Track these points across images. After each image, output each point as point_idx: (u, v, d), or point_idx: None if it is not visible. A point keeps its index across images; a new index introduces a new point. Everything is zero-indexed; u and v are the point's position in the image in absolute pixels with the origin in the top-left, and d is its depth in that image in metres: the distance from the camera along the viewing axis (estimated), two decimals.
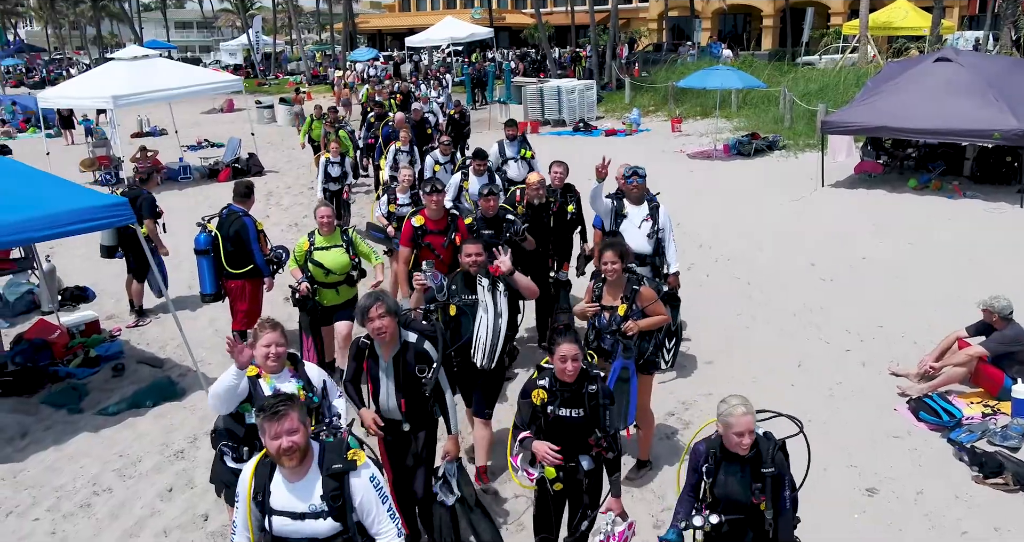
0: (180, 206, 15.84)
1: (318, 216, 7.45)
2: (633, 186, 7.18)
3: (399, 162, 12.00)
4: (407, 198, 9.21)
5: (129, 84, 16.71)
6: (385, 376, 4.86)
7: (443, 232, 7.23)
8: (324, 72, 41.20)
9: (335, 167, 12.33)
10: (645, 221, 7.16)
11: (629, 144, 21.55)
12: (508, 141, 10.55)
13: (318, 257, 7.38)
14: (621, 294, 5.56)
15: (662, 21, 45.55)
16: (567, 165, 8.55)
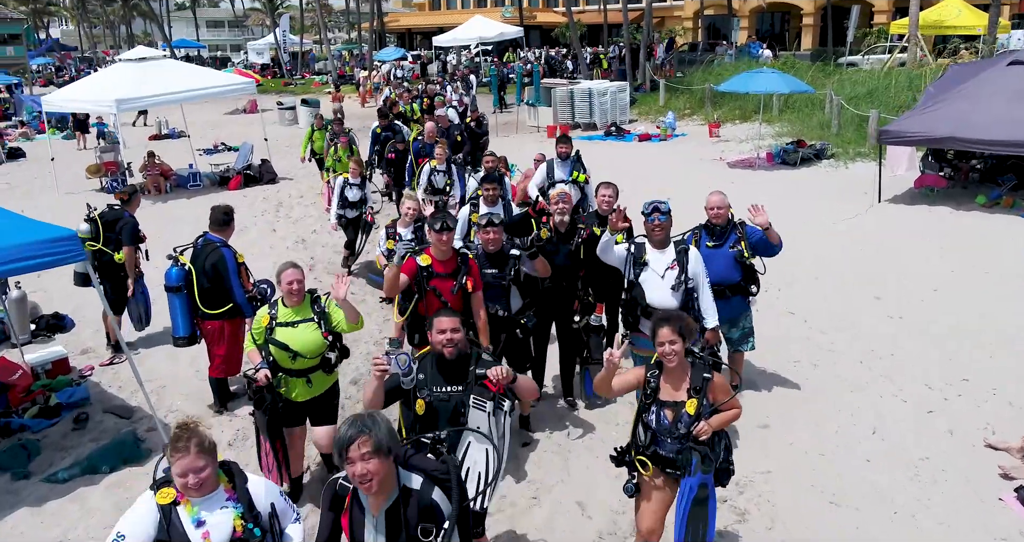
0: (187, 215, 14.79)
1: (283, 280, 5.42)
2: (656, 226, 5.76)
3: (434, 184, 10.70)
4: (410, 233, 7.85)
5: (134, 87, 15.69)
6: (373, 536, 3.32)
7: (452, 275, 5.87)
8: (351, 72, 40.15)
9: (354, 190, 10.57)
10: (670, 269, 5.75)
11: (664, 150, 20.18)
12: (560, 160, 9.14)
13: (281, 336, 5.39)
14: (687, 385, 4.24)
15: (697, 19, 44.00)
16: (617, 188, 7.31)
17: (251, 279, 7.28)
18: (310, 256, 11.96)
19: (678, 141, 21.52)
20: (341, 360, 5.73)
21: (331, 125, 14.62)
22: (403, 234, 7.76)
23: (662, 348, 4.15)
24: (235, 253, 7.09)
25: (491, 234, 6.05)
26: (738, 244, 6.54)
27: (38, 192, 17.63)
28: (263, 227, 13.85)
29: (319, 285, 10.68)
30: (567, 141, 9.33)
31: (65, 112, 20.08)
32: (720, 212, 6.53)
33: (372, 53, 38.09)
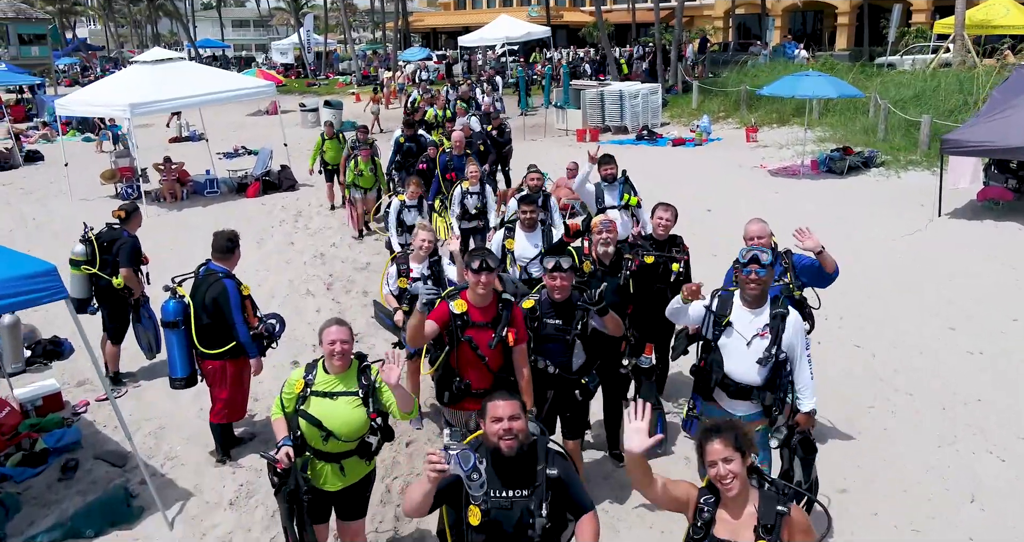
0: (203, 224, 14.04)
1: (325, 339, 4.37)
2: (752, 280, 4.54)
3: (468, 208, 9.54)
4: (424, 269, 6.65)
5: (148, 91, 14.96)
6: None
7: (491, 324, 4.86)
8: (375, 73, 39.40)
9: (412, 213, 9.19)
10: (760, 337, 4.57)
11: (700, 156, 19.20)
12: (606, 184, 8.04)
13: (316, 409, 4.37)
14: (753, 521, 3.17)
15: (728, 19, 42.86)
16: (676, 210, 6.45)
17: (257, 314, 6.43)
18: (328, 273, 11.14)
19: (714, 146, 20.52)
20: (383, 444, 4.62)
21: (355, 133, 13.43)
22: (416, 270, 6.62)
23: (715, 470, 3.14)
24: (239, 285, 6.27)
25: (559, 281, 4.97)
26: (784, 276, 5.63)
27: (52, 198, 16.98)
28: (280, 239, 13.06)
29: (336, 306, 9.88)
30: (611, 161, 8.15)
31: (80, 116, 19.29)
32: (762, 243, 5.49)
33: (396, 53, 37.29)
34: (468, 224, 9.56)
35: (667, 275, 6.25)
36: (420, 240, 6.54)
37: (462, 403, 4.99)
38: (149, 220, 14.71)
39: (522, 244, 6.99)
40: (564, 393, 5.22)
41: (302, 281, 10.87)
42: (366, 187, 12.51)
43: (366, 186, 12.50)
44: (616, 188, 8.03)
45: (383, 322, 6.85)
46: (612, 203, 7.97)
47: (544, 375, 5.12)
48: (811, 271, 5.65)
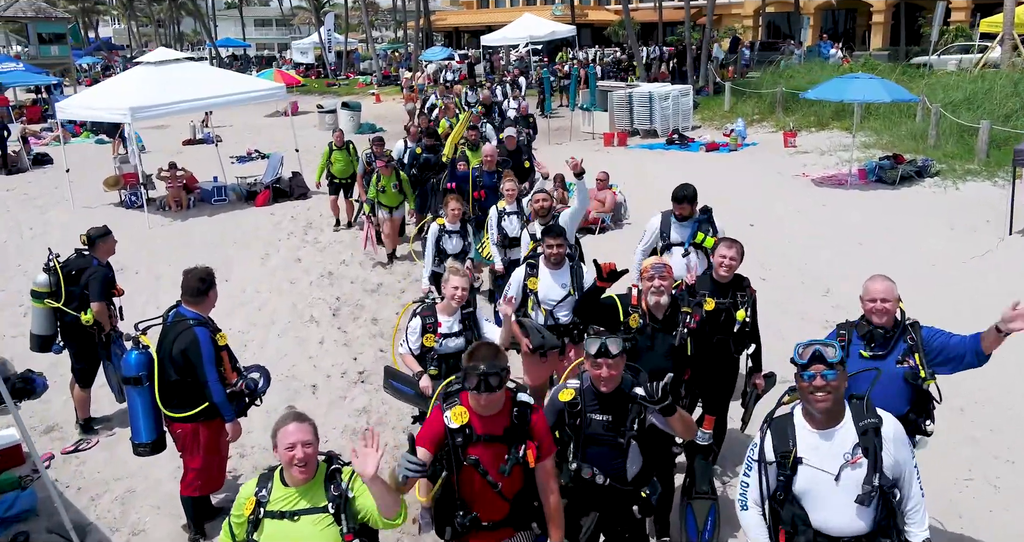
0: (207, 235, 13.14)
1: (281, 443, 3.34)
2: (818, 389, 3.21)
3: (507, 232, 7.96)
4: (455, 323, 5.24)
5: (151, 94, 13.99)
6: None
7: (502, 439, 3.54)
8: (395, 72, 38.39)
9: (454, 239, 7.88)
10: (851, 465, 3.23)
11: (736, 162, 17.97)
12: (677, 222, 6.62)
13: (273, 535, 3.32)
14: None
15: (758, 17, 41.47)
16: (742, 247, 5.27)
17: (237, 366, 5.36)
18: (335, 297, 10.07)
19: (749, 151, 19.28)
20: None
21: (369, 147, 11.80)
22: (445, 324, 5.22)
23: None
24: (214, 333, 5.20)
25: (605, 370, 3.62)
26: (910, 357, 4.17)
27: (53, 206, 16.07)
28: (286, 255, 12.02)
29: (341, 336, 8.81)
30: (691, 200, 6.52)
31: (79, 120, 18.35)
32: (887, 307, 4.17)
33: (418, 53, 36.25)
34: (511, 253, 8.00)
35: (729, 324, 5.11)
36: (451, 288, 5.15)
37: (468, 540, 3.73)
38: (151, 230, 13.81)
39: (547, 284, 5.82)
40: (616, 510, 3.94)
41: (306, 305, 9.82)
42: (391, 205, 10.98)
43: (391, 204, 10.96)
44: (689, 227, 6.56)
45: (400, 392, 5.39)
46: (678, 239, 6.57)
47: (590, 488, 3.82)
48: (953, 352, 4.16)
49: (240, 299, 10.09)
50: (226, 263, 11.62)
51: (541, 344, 5.65)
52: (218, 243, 12.76)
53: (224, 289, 10.61)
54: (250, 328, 9.14)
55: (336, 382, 7.71)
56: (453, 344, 5.18)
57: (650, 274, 4.63)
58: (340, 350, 8.43)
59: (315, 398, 7.44)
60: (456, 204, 7.83)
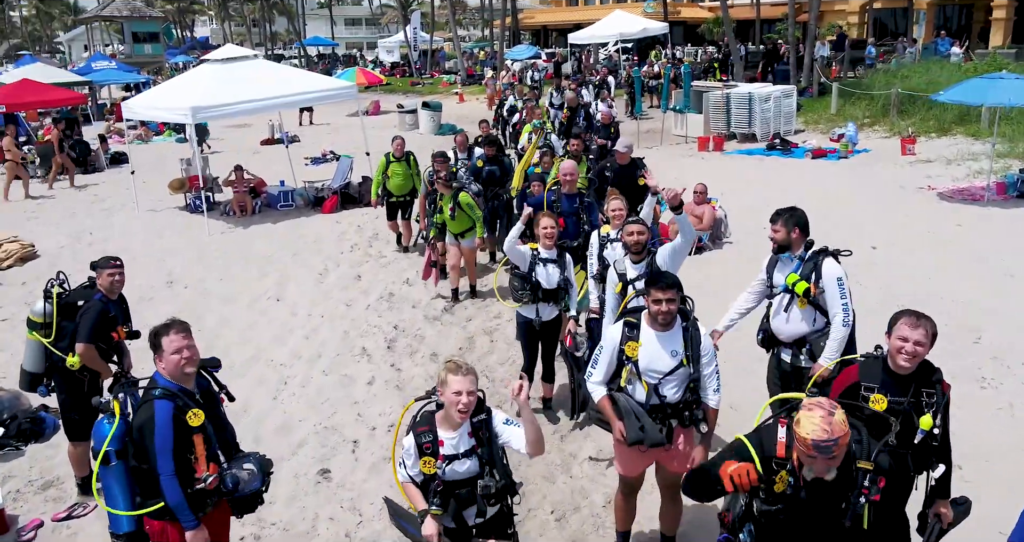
0: (266, 247, 12.08)
1: None
2: None
3: (609, 263, 6.07)
4: (462, 440, 3.74)
5: (214, 92, 13.09)
6: None
7: None
8: (480, 71, 37.26)
9: (549, 269, 6.28)
10: None
11: (847, 171, 16.06)
12: (783, 259, 5.15)
13: None
14: None
15: (864, 14, 38.82)
16: (933, 325, 3.70)
17: (215, 453, 4.03)
18: (392, 324, 8.82)
19: (861, 159, 17.32)
20: None
21: (431, 164, 9.62)
22: (448, 441, 3.72)
23: None
24: (183, 410, 3.88)
25: None
26: None
27: (119, 209, 15.38)
28: (346, 271, 10.86)
29: (395, 376, 7.55)
30: (794, 223, 5.04)
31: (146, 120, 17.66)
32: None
33: (504, 51, 35.01)
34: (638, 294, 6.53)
35: (909, 433, 3.56)
36: (452, 395, 3.62)
37: None
38: (210, 238, 12.90)
39: (652, 351, 4.30)
40: None
41: (359, 334, 8.60)
42: (455, 232, 9.06)
43: (456, 231, 9.02)
44: (792, 260, 5.07)
45: (404, 529, 4.04)
46: (778, 279, 5.15)
47: None
48: None
49: (289, 325, 8.95)
50: (281, 280, 10.56)
51: (639, 439, 4.22)
52: (276, 255, 11.71)
53: (275, 311, 9.71)
54: (294, 361, 7.96)
55: (381, 438, 6.43)
56: (462, 468, 3.73)
57: (811, 453, 3.04)
58: (391, 395, 7.16)
59: (354, 457, 6.18)
60: (550, 222, 6.27)
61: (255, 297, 9.91)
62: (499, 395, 7.06)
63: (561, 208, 7.62)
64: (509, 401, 6.88)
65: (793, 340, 5.13)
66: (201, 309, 9.56)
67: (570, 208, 7.65)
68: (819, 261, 4.94)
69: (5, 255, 11.76)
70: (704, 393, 4.36)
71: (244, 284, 10.44)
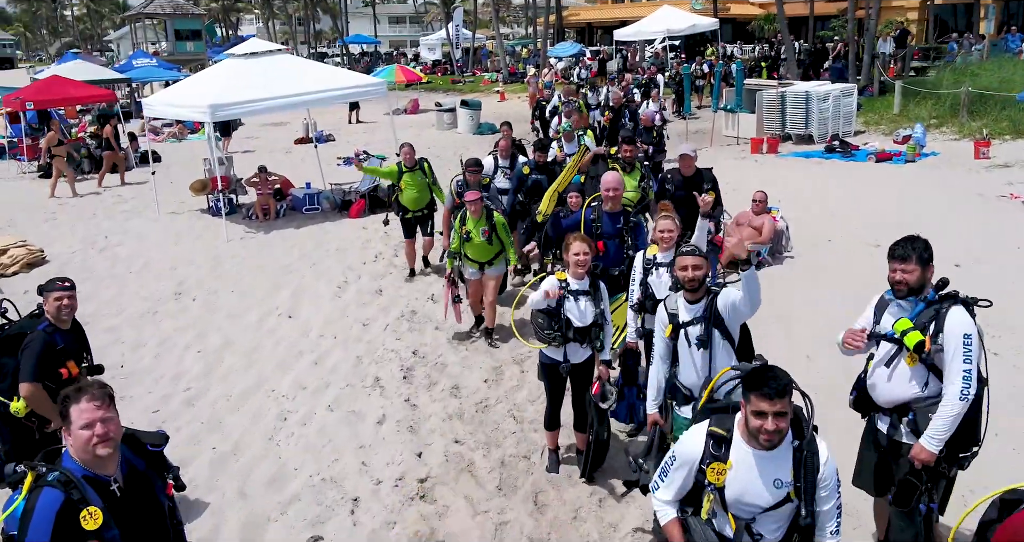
0: (285, 255, 11.15)
1: None
2: None
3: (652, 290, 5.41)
4: None
5: (236, 89, 12.22)
6: None
7: None
8: (522, 69, 36.19)
9: (582, 302, 5.16)
10: None
11: (916, 176, 14.69)
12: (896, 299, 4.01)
13: None
14: None
15: (924, 9, 36.95)
16: None
17: None
18: (411, 349, 7.80)
19: (931, 163, 15.90)
20: None
21: (462, 173, 8.63)
22: None
23: None
24: (71, 504, 2.85)
25: None
26: None
27: (139, 211, 14.62)
28: (367, 284, 9.88)
29: (410, 413, 6.55)
30: (916, 259, 3.87)
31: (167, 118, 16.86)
32: None
33: (547, 48, 33.85)
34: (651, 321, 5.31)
35: None
36: None
37: None
38: (230, 244, 12.03)
39: (748, 478, 3.14)
40: None
41: (374, 360, 7.60)
42: (480, 260, 7.64)
43: (480, 259, 7.63)
44: (910, 304, 3.94)
45: None
46: (886, 323, 4.00)
47: None
48: None
49: (298, 347, 7.99)
50: (297, 293, 9.62)
51: None
52: (295, 265, 10.79)
53: (285, 330, 8.54)
54: (297, 393, 6.99)
55: (387, 496, 5.41)
56: None
57: None
58: (403, 438, 6.14)
59: (352, 521, 5.17)
60: (583, 247, 5.11)
61: (266, 313, 8.98)
62: (529, 441, 6.01)
63: (602, 229, 6.34)
64: (539, 450, 5.83)
65: (893, 406, 4.00)
66: (206, 326, 8.66)
67: (613, 229, 6.33)
68: (944, 309, 3.78)
69: (10, 261, 11.02)
70: (818, 535, 3.20)
71: (256, 297, 9.53)
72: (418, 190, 9.46)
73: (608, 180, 6.36)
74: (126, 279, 10.53)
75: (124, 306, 9.48)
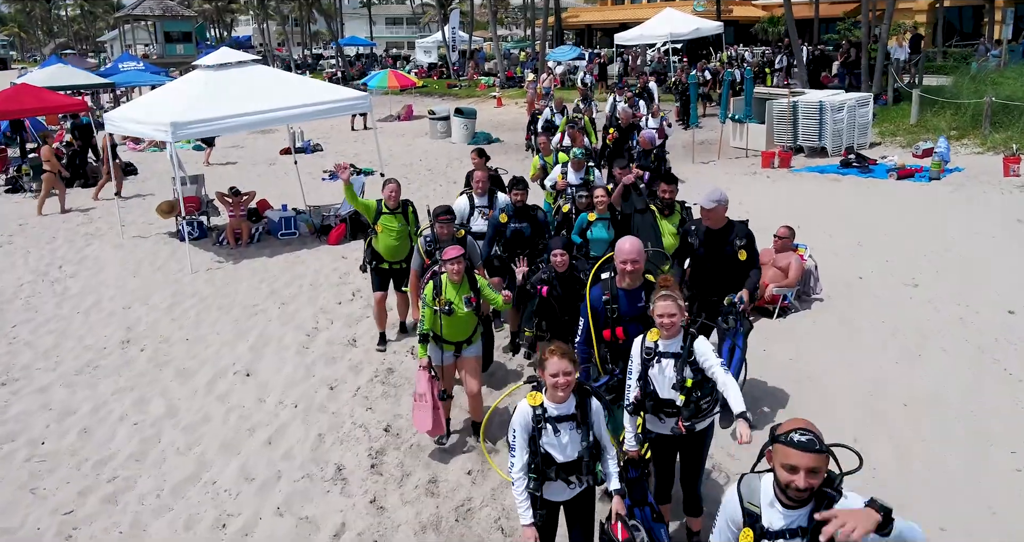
0: (253, 290, 9.88)
1: None
2: None
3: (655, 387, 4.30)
4: None
5: (201, 105, 10.98)
6: None
7: None
8: (520, 74, 34.88)
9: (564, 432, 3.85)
10: None
11: (945, 196, 13.46)
12: None
13: None
14: None
15: (933, 12, 35.70)
16: None
17: None
18: (384, 424, 6.54)
19: (956, 180, 14.67)
20: None
21: (430, 225, 6.85)
22: None
23: None
24: None
25: None
26: None
27: (103, 234, 13.38)
28: (339, 332, 8.63)
29: (375, 521, 5.30)
30: None
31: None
32: None
33: (545, 52, 32.55)
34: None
35: None
36: None
37: None
38: (194, 277, 10.79)
39: None
40: None
41: (338, 439, 6.35)
42: (457, 340, 5.92)
43: (457, 338, 5.91)
44: None
45: None
46: None
47: None
48: None
49: (251, 420, 6.74)
50: (259, 344, 8.37)
51: None
52: (262, 305, 9.55)
53: (239, 395, 7.11)
54: (241, 488, 5.74)
55: None
56: None
57: None
58: None
59: None
60: (562, 365, 3.72)
61: (221, 370, 7.73)
62: None
63: (619, 311, 4.84)
64: None
65: None
66: (149, 388, 7.42)
67: (634, 309, 4.80)
68: None
69: None
70: None
71: (213, 349, 8.29)
72: (397, 238, 7.76)
73: (626, 249, 4.76)
74: (71, 321, 9.27)
75: (63, 358, 8.24)
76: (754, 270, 5.86)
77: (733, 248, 5.82)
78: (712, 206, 5.77)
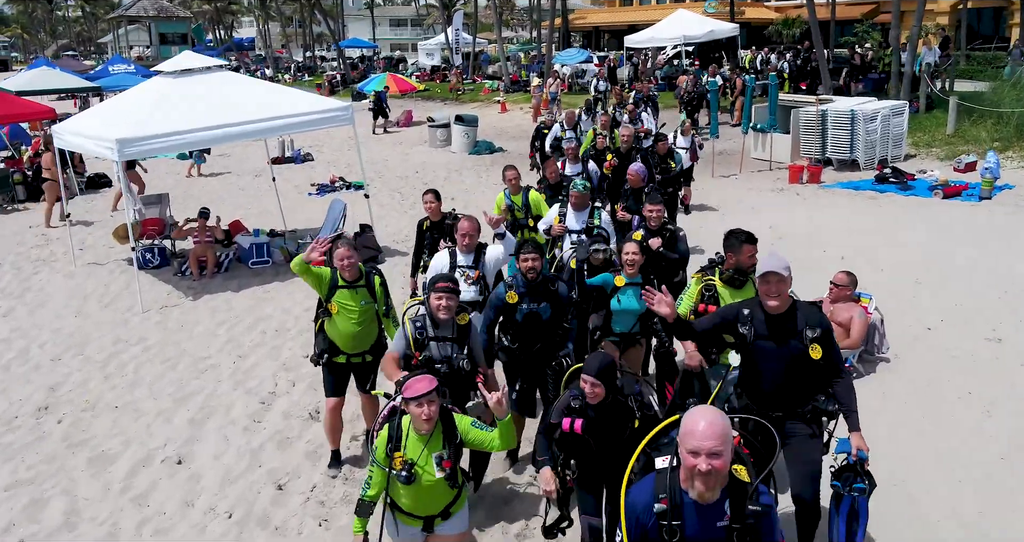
0: (210, 334, 8.27)
1: None
2: None
3: None
4: None
5: (155, 118, 9.39)
6: None
7: None
8: (525, 77, 33.20)
9: None
10: None
11: (1004, 221, 11.79)
12: None
13: None
14: None
15: (956, 14, 34.01)
16: None
17: None
18: None
19: (1008, 199, 13.01)
20: None
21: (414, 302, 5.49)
22: None
23: None
24: None
25: None
26: None
27: (57, 259, 11.81)
28: (299, 400, 7.02)
29: None
30: None
31: None
32: None
33: (551, 55, 30.87)
34: None
35: None
36: None
37: None
38: (144, 317, 9.21)
39: None
40: None
41: None
42: (428, 514, 3.94)
43: (427, 512, 3.93)
44: None
45: None
46: None
47: None
48: None
49: (171, 534, 5.14)
50: (202, 416, 6.76)
51: None
52: (215, 358, 7.95)
53: (161, 495, 5.41)
54: None
55: None
56: None
57: None
58: None
59: None
60: None
61: (147, 456, 6.13)
62: None
63: (682, 531, 2.88)
64: None
65: None
66: (51, 483, 5.81)
67: (710, 532, 2.91)
68: None
69: None
70: None
71: (145, 420, 6.70)
72: (359, 320, 5.48)
73: (702, 433, 2.77)
74: None
75: None
76: (839, 381, 4.13)
77: (803, 342, 4.04)
78: (785, 274, 4.05)
